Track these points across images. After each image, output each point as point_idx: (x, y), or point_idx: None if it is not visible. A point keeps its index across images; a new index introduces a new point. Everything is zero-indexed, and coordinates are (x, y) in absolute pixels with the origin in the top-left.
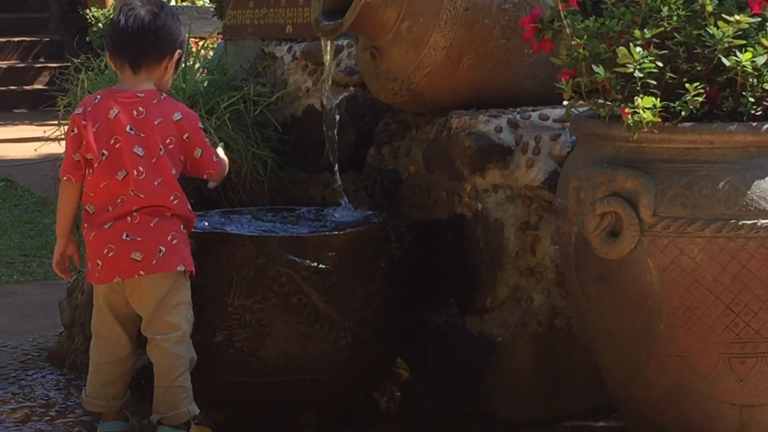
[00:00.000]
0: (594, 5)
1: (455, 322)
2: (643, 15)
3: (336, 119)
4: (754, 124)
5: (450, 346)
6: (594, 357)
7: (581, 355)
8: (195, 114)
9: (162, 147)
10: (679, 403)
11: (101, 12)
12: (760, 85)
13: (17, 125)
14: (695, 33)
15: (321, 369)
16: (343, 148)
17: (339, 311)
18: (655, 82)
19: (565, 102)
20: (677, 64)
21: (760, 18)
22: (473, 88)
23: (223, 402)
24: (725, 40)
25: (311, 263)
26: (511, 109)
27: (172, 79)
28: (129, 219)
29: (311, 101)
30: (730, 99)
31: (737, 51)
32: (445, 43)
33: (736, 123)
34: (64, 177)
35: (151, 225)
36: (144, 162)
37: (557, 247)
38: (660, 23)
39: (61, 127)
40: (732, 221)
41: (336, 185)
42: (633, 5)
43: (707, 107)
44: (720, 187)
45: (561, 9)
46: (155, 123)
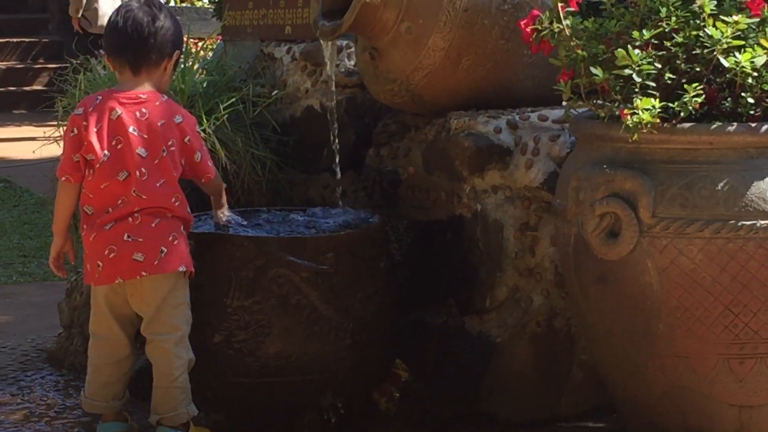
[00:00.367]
0: (593, 6)
1: (454, 322)
2: (642, 16)
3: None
4: (753, 124)
5: (449, 346)
6: (593, 357)
7: (580, 356)
8: (193, 117)
9: (165, 149)
10: (679, 404)
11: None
12: (759, 86)
13: (17, 126)
14: (694, 34)
15: (320, 370)
16: (343, 148)
17: (338, 312)
18: (654, 83)
19: (565, 103)
20: (676, 65)
21: (759, 19)
22: (472, 88)
23: (223, 403)
24: (724, 41)
25: (310, 264)
26: (510, 110)
27: (170, 80)
28: (130, 220)
29: (310, 102)
30: (729, 100)
31: (736, 52)
32: (444, 44)
33: (735, 124)
34: (62, 177)
35: (153, 226)
36: (146, 163)
37: (556, 248)
38: (659, 24)
39: (60, 128)
40: (731, 222)
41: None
42: (632, 6)
43: (706, 108)
44: (719, 188)
45: (560, 10)
46: (159, 124)
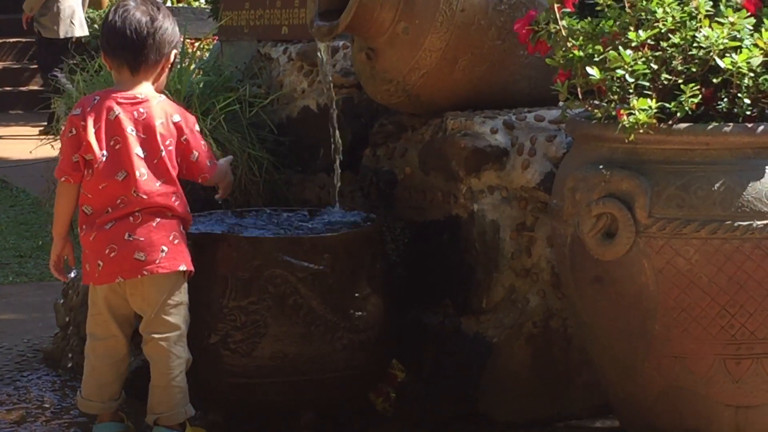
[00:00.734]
0: (589, 6)
1: (451, 323)
2: (638, 17)
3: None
4: (749, 125)
5: (446, 347)
6: (590, 358)
7: (577, 356)
8: (192, 116)
9: (163, 148)
10: (675, 404)
11: (97, 13)
12: (755, 87)
13: (12, 126)
14: (690, 35)
15: (317, 370)
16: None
17: (335, 312)
18: (649, 83)
19: (561, 103)
20: (672, 65)
21: (755, 19)
22: (469, 89)
23: (219, 403)
24: (719, 41)
25: (307, 264)
26: (507, 110)
27: (167, 79)
28: (131, 219)
29: (307, 102)
30: (725, 100)
31: (732, 53)
32: (441, 45)
33: (731, 124)
34: (62, 178)
35: (153, 225)
36: (145, 163)
37: (553, 249)
38: (655, 25)
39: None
40: (727, 222)
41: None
42: (630, 7)
43: (703, 108)
44: (715, 189)
45: (557, 11)
46: (156, 124)
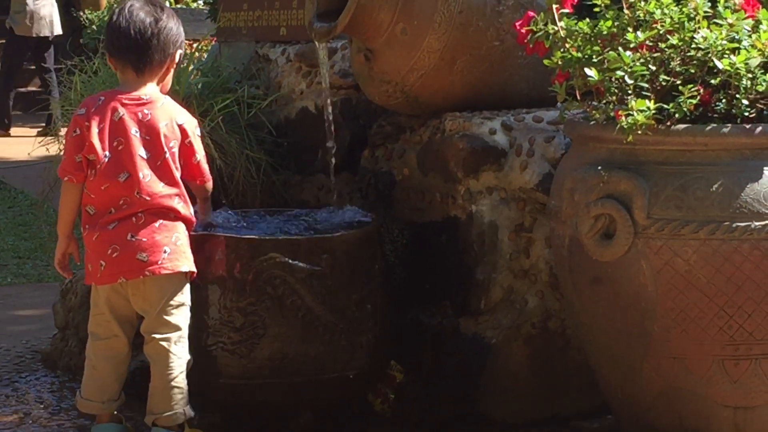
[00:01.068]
0: (587, 7)
1: (450, 324)
2: (636, 18)
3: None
4: (747, 126)
5: (445, 348)
6: (588, 359)
7: (575, 357)
8: (194, 120)
9: (166, 150)
10: (674, 405)
11: (95, 14)
12: (753, 88)
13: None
14: (688, 36)
15: (316, 371)
16: (338, 150)
17: (333, 313)
18: (647, 84)
19: (559, 104)
20: (671, 66)
21: (753, 20)
22: (467, 90)
23: (218, 404)
24: (718, 43)
25: (305, 265)
26: (505, 111)
27: (171, 79)
28: (134, 220)
29: (305, 103)
30: (723, 101)
31: (731, 54)
32: (439, 46)
33: (730, 125)
34: (65, 177)
35: (156, 226)
36: (149, 164)
37: (551, 249)
38: (653, 26)
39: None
40: (726, 223)
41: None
42: (629, 8)
43: (701, 110)
44: (714, 189)
45: (555, 12)
46: (161, 126)
